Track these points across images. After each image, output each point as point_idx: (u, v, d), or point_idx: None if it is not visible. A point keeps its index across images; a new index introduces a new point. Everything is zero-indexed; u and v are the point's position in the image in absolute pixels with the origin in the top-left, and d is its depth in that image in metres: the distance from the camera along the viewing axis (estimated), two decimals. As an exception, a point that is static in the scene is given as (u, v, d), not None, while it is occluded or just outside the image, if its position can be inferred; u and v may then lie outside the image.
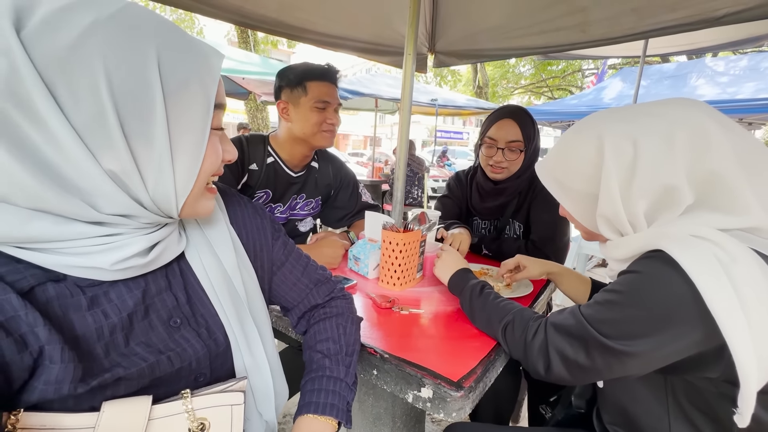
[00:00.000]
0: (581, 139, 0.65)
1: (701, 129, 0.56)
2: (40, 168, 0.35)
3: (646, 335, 0.54)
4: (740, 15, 1.24)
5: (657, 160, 0.57)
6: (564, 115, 6.18)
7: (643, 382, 0.64)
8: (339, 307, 0.70)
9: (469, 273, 0.91)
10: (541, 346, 0.65)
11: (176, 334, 0.49)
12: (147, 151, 0.39)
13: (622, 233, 0.64)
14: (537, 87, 14.72)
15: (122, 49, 0.36)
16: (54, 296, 0.40)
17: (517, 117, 1.27)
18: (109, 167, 0.38)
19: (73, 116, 0.35)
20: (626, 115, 0.62)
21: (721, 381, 0.54)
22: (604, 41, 1.69)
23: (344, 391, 0.59)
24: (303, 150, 1.28)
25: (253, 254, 0.62)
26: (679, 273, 0.51)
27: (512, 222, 1.39)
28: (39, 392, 0.37)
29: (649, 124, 0.59)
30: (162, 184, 0.42)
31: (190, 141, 0.42)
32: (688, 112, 0.58)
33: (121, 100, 0.37)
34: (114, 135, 0.37)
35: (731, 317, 0.48)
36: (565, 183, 0.70)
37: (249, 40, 7.39)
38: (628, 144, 0.59)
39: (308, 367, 0.62)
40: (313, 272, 0.70)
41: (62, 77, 0.34)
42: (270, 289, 0.67)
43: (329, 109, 1.22)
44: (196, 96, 0.42)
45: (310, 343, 0.65)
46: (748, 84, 4.90)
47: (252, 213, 0.64)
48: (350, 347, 0.64)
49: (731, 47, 2.90)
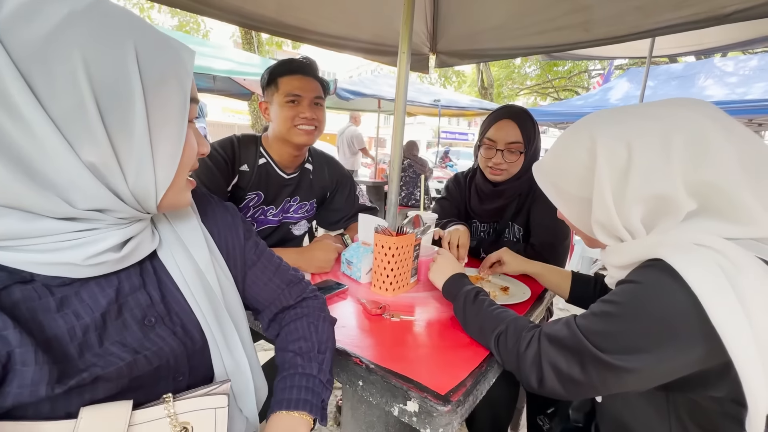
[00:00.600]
0: (575, 141, 0.62)
1: (700, 133, 0.52)
2: (13, 162, 0.34)
3: (644, 350, 0.51)
4: (749, 12, 1.20)
5: (651, 167, 0.54)
6: (569, 116, 6.11)
7: (644, 399, 0.60)
8: (309, 306, 0.69)
9: (464, 278, 0.87)
10: (534, 358, 0.61)
11: (151, 332, 0.49)
12: (127, 144, 0.39)
13: (620, 239, 0.61)
14: (543, 88, 14.62)
15: (101, 41, 0.36)
16: (20, 299, 0.39)
17: (516, 118, 1.23)
18: (88, 159, 0.38)
19: (51, 107, 0.35)
20: (621, 117, 0.59)
21: (727, 401, 0.50)
22: (608, 40, 1.65)
23: (318, 387, 0.58)
24: (289, 149, 1.23)
25: (225, 252, 0.61)
26: (680, 283, 0.48)
27: (512, 225, 1.36)
28: (13, 396, 0.36)
29: (644, 126, 0.56)
30: (142, 177, 0.42)
31: (169, 134, 0.43)
32: (687, 114, 0.54)
33: (100, 92, 0.37)
34: (94, 126, 0.37)
35: (736, 332, 0.44)
36: (560, 186, 0.67)
37: (253, 41, 7.41)
38: (621, 147, 0.56)
39: (281, 367, 0.61)
40: (285, 273, 0.69)
41: (39, 67, 0.34)
42: (243, 290, 0.66)
43: (302, 102, 1.15)
44: (173, 89, 0.42)
45: (282, 345, 0.64)
46: (758, 84, 4.83)
47: (223, 211, 0.64)
48: (323, 345, 0.63)
49: (741, 47, 2.84)
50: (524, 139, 1.23)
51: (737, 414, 0.48)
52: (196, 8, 1.66)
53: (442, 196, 1.53)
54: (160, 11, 10.68)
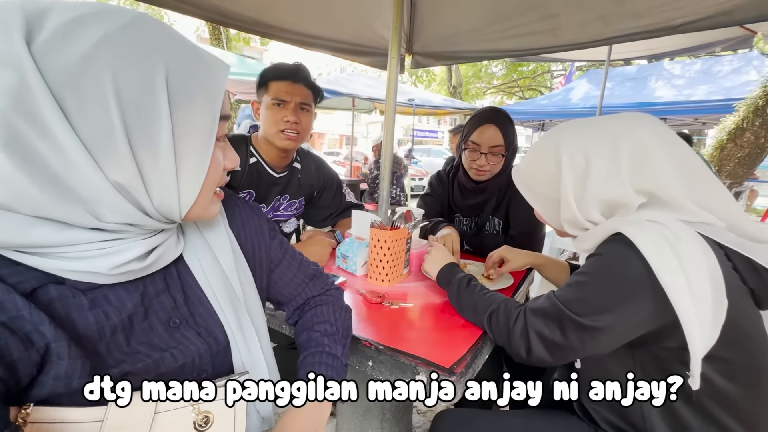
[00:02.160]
0: (544, 150, 0.74)
1: (642, 145, 0.65)
2: (47, 179, 0.35)
3: (610, 310, 0.61)
4: (695, 24, 1.35)
5: (606, 174, 0.66)
6: (535, 115, 6.40)
7: (614, 359, 0.70)
8: (333, 296, 0.74)
9: (456, 267, 0.95)
10: (522, 331, 0.70)
11: (176, 333, 0.50)
12: (152, 163, 0.40)
13: (585, 229, 0.72)
14: (509, 87, 15.12)
15: (131, 62, 0.37)
16: (56, 297, 0.41)
17: (499, 122, 1.33)
18: (114, 179, 0.38)
19: (81, 129, 0.35)
20: (581, 129, 0.71)
21: (678, 349, 0.61)
22: (573, 46, 1.78)
23: (340, 368, 0.63)
24: (276, 151, 1.26)
25: (251, 253, 0.63)
26: (635, 252, 0.59)
27: (492, 219, 1.45)
28: (49, 387, 0.38)
29: (598, 138, 0.68)
30: (166, 196, 0.42)
31: (194, 153, 0.43)
32: (631, 127, 0.67)
33: (128, 113, 0.37)
34: (120, 147, 0.37)
35: (678, 289, 0.56)
36: (533, 188, 0.79)
37: (221, 36, 7.20)
38: (580, 156, 0.68)
39: (306, 346, 0.64)
40: (307, 268, 0.73)
41: (71, 91, 0.34)
42: (267, 287, 0.68)
43: (287, 106, 1.19)
44: (202, 108, 0.42)
45: (307, 325, 0.67)
46: (701, 86, 5.25)
47: (249, 213, 0.66)
48: (345, 330, 0.68)
49: (687, 52, 3.12)
50: (505, 142, 1.33)
51: (686, 359, 0.59)
52: (173, 5, 1.63)
53: (426, 192, 1.60)
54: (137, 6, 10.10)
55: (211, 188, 0.48)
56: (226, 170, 0.51)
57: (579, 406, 0.82)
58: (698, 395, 0.61)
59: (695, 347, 0.56)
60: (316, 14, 1.89)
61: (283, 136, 1.20)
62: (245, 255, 0.61)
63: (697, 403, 0.63)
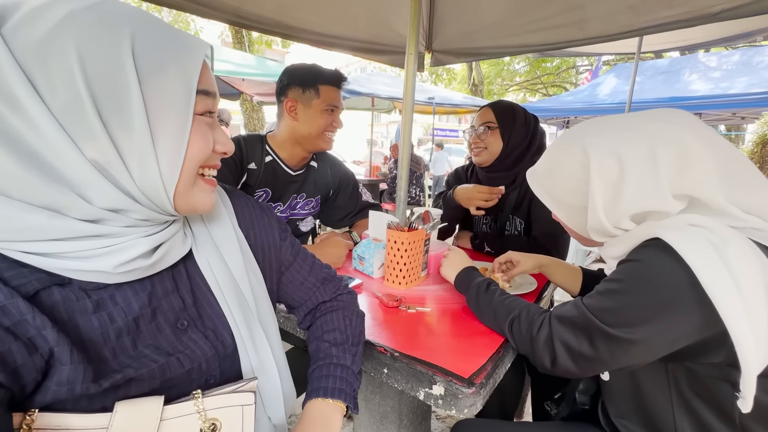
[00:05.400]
0: (567, 154, 0.67)
1: (683, 147, 0.58)
2: (26, 156, 0.36)
3: (647, 321, 0.55)
4: (737, 11, 1.25)
5: (642, 181, 0.60)
6: (559, 112, 6.20)
7: (646, 372, 0.65)
8: (344, 301, 0.71)
9: (474, 271, 0.91)
10: (546, 339, 0.66)
11: (184, 336, 0.50)
12: (127, 139, 0.39)
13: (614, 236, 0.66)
14: (532, 84, 14.75)
15: (95, 36, 0.37)
16: (59, 300, 0.40)
17: (494, 105, 1.38)
18: (91, 156, 0.38)
19: (51, 103, 0.36)
20: (610, 130, 0.64)
21: (724, 365, 0.55)
22: (601, 38, 1.70)
23: (351, 378, 0.60)
24: (301, 152, 1.29)
25: (261, 254, 0.62)
26: (676, 258, 0.53)
27: (513, 218, 1.40)
28: (53, 393, 0.38)
29: (633, 140, 0.61)
30: (147, 173, 0.41)
31: (171, 126, 0.42)
32: (671, 129, 0.60)
33: (96, 87, 0.37)
34: (92, 122, 0.37)
35: (727, 299, 0.49)
36: (554, 194, 0.72)
37: (244, 40, 7.35)
38: (613, 161, 0.61)
39: (315, 356, 0.63)
40: (319, 271, 0.71)
41: (39, 65, 0.35)
42: (278, 289, 0.67)
43: (337, 113, 1.26)
44: (175, 81, 0.41)
45: (316, 334, 0.66)
46: (740, 79, 4.95)
47: (259, 213, 0.64)
48: (356, 338, 0.66)
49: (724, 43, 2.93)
50: (498, 120, 1.34)
51: (733, 377, 0.53)
52: (193, 8, 1.66)
53: (444, 190, 1.57)
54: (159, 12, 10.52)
55: (194, 166, 0.46)
56: (216, 153, 0.49)
57: (605, 419, 0.76)
58: (742, 416, 0.55)
59: (749, 365, 0.49)
60: (334, 13, 1.89)
61: (327, 138, 1.26)
62: (255, 255, 0.60)
63: (740, 425, 0.57)
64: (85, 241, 0.40)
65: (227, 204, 0.60)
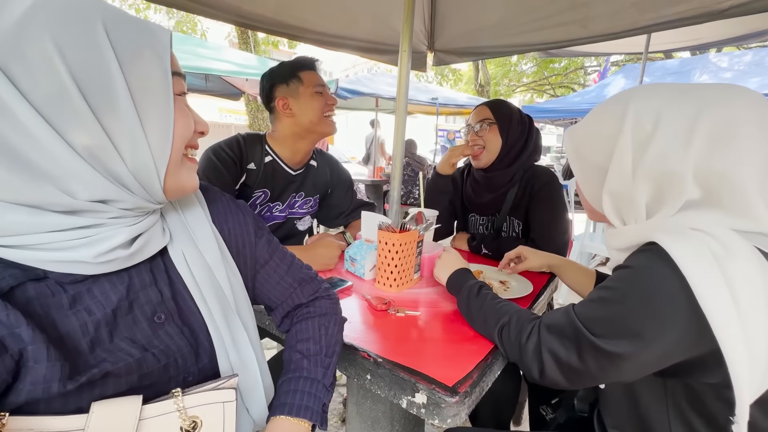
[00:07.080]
0: (609, 110, 0.62)
1: (732, 122, 0.51)
2: (6, 155, 0.35)
3: (636, 335, 0.51)
4: (745, 7, 1.21)
5: (671, 145, 0.53)
6: (566, 113, 6.14)
7: (643, 385, 0.62)
8: (323, 307, 0.69)
9: (468, 273, 0.88)
10: (535, 348, 0.62)
11: (160, 330, 0.49)
12: (116, 122, 0.39)
13: (623, 217, 0.62)
14: (539, 85, 14.62)
15: (69, 23, 0.36)
16: (34, 296, 0.40)
17: (490, 103, 1.36)
18: (81, 143, 0.38)
19: (31, 95, 0.35)
20: (665, 92, 0.57)
21: (721, 387, 0.50)
22: (605, 36, 1.66)
23: (320, 392, 0.59)
24: (306, 145, 1.28)
25: (235, 251, 0.61)
26: (672, 267, 0.48)
27: (510, 219, 1.38)
28: (26, 393, 0.37)
29: (679, 105, 0.55)
30: (139, 154, 0.42)
31: (157, 106, 0.43)
32: (728, 100, 0.53)
33: (79, 73, 0.37)
34: (80, 109, 0.37)
35: (723, 317, 0.44)
36: (581, 151, 0.67)
37: (249, 41, 7.38)
38: (649, 121, 0.56)
39: (286, 367, 0.62)
40: (297, 271, 0.69)
41: (13, 57, 0.34)
42: (253, 288, 0.66)
43: (326, 92, 1.24)
44: (151, 63, 0.42)
45: (290, 342, 0.65)
46: (753, 79, 4.85)
47: (234, 209, 0.64)
48: (330, 348, 0.64)
49: (735, 42, 2.87)
50: (496, 117, 1.31)
51: (729, 398, 0.48)
52: (194, 8, 1.66)
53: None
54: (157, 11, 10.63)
55: (182, 144, 0.47)
56: (197, 134, 0.50)
57: (601, 429, 0.73)
58: None
59: (742, 389, 0.45)
60: (334, 13, 1.88)
61: (328, 121, 1.25)
62: (230, 251, 0.60)
63: None
64: (66, 232, 0.40)
65: (201, 200, 0.59)
